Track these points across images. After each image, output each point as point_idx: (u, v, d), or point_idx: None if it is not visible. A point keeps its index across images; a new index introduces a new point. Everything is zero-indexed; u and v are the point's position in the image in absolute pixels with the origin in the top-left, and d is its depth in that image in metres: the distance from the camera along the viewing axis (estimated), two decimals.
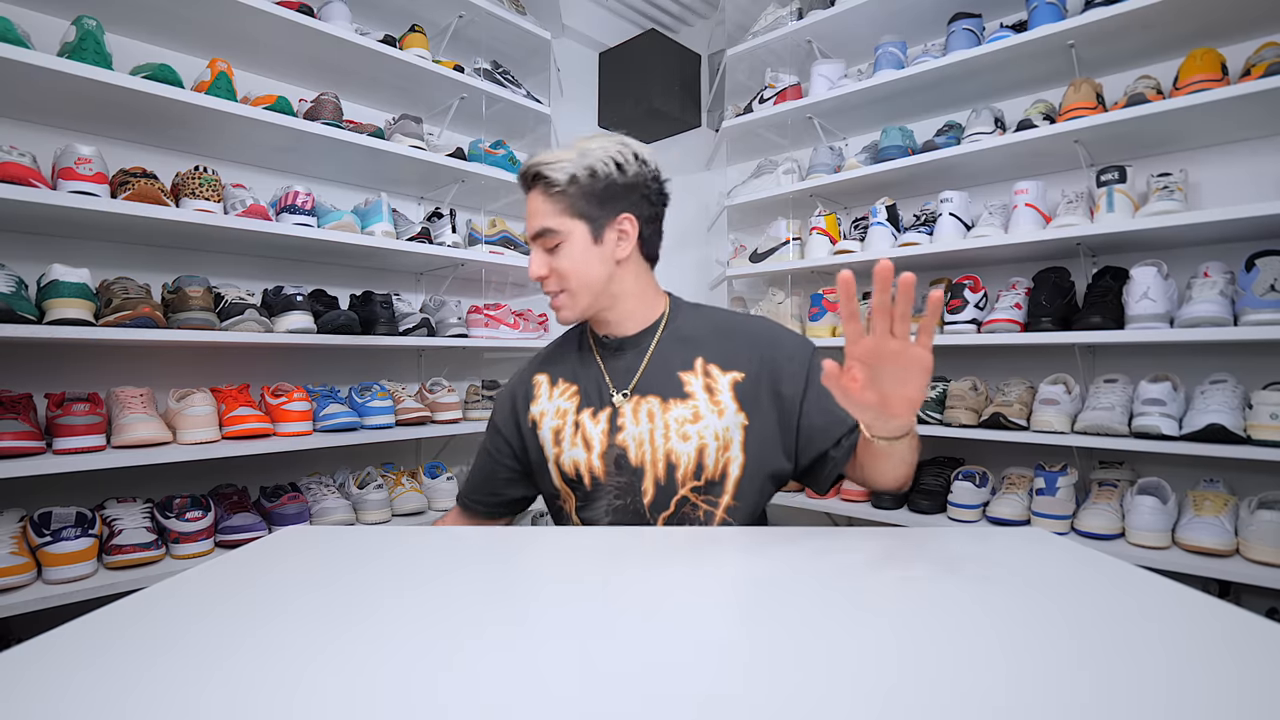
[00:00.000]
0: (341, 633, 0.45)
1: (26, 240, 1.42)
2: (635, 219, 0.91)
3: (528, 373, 1.02)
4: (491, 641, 0.44)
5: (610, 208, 0.89)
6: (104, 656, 0.41)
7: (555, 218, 0.88)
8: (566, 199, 0.88)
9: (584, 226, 0.89)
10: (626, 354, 0.94)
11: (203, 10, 1.49)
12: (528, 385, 1.00)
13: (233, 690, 0.37)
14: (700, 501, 0.88)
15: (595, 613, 0.49)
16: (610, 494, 0.90)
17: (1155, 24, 1.51)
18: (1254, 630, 0.45)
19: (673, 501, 0.88)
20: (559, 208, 0.88)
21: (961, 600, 0.53)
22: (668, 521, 0.88)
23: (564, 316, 0.93)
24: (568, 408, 0.94)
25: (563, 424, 0.94)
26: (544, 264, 0.90)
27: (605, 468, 0.90)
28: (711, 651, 0.42)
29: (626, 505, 0.89)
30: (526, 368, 1.04)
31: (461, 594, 0.52)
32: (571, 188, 0.87)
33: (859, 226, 2.06)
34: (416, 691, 0.37)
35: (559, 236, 0.88)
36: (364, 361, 1.99)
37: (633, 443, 0.89)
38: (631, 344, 0.94)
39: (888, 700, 0.36)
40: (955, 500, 1.67)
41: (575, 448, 0.92)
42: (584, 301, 0.91)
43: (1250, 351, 1.51)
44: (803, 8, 2.11)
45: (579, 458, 0.91)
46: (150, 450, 1.31)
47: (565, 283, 0.90)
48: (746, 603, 0.51)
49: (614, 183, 0.89)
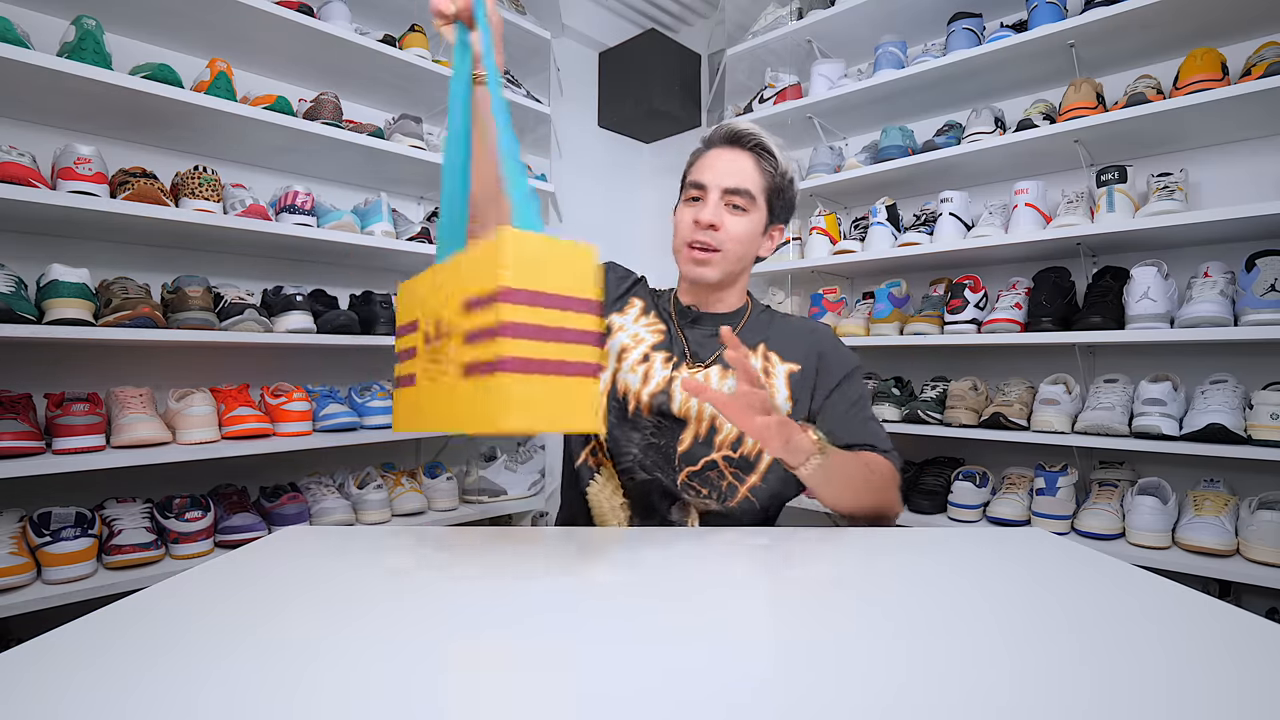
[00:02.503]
0: (341, 633, 0.45)
1: (26, 240, 1.42)
2: (784, 233, 1.00)
3: (629, 286, 1.02)
4: (492, 642, 0.44)
5: (779, 214, 0.98)
6: (104, 656, 0.41)
7: (757, 187, 0.93)
8: (769, 181, 0.94)
9: (765, 212, 0.95)
10: (701, 327, 0.98)
11: (202, 10, 1.49)
12: (625, 294, 1.01)
13: (232, 690, 0.37)
14: (728, 471, 0.91)
15: (596, 613, 0.49)
16: (649, 430, 0.92)
17: (1155, 24, 1.51)
18: (1254, 630, 0.45)
19: (702, 461, 0.91)
20: (762, 183, 0.94)
21: (962, 600, 0.52)
22: (690, 478, 0.91)
23: (703, 273, 0.94)
24: (646, 338, 0.96)
25: (633, 346, 0.96)
26: (720, 216, 0.92)
27: (651, 405, 0.92)
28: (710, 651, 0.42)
29: (660, 445, 0.92)
30: (627, 278, 1.04)
31: (462, 594, 0.52)
32: (777, 177, 0.94)
33: (859, 226, 2.06)
34: (416, 692, 0.36)
35: (751, 205, 0.93)
36: (364, 361, 1.99)
37: (685, 395, 0.92)
38: (712, 321, 0.98)
39: (889, 700, 0.36)
40: (955, 500, 1.67)
41: (634, 374, 0.94)
42: (725, 270, 0.94)
43: (1250, 351, 1.51)
44: (803, 7, 2.11)
45: (632, 383, 0.93)
46: (150, 450, 1.31)
47: (726, 245, 0.93)
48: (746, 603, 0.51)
49: (791, 195, 0.98)
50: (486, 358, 0.50)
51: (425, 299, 0.60)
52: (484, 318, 0.51)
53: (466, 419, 0.54)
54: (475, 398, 0.52)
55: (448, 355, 0.56)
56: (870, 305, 1.98)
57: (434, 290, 0.59)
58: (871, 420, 0.95)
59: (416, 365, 0.61)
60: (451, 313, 0.55)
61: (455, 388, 0.54)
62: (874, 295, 1.97)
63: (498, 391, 0.49)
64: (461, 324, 0.54)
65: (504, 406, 0.49)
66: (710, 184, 0.93)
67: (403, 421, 0.64)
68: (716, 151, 0.95)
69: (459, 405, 0.54)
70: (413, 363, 0.62)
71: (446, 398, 0.56)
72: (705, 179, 0.93)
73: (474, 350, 0.52)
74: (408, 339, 0.64)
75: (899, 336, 1.84)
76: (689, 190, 0.96)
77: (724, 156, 0.94)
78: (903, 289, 1.93)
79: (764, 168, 0.94)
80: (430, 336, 0.59)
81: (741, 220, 0.93)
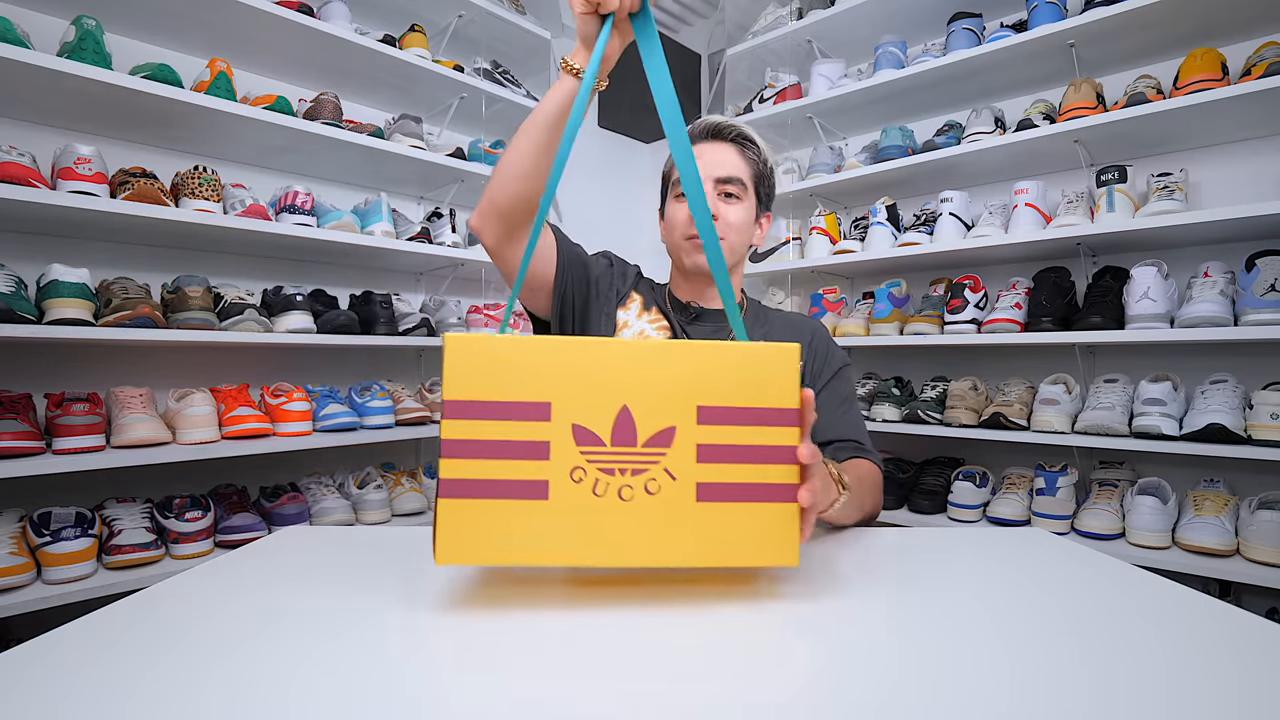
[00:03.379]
0: (341, 634, 0.45)
1: (26, 240, 1.42)
2: (771, 220, 1.02)
3: (629, 279, 0.99)
4: (492, 642, 0.44)
5: (765, 201, 0.99)
6: (104, 656, 0.41)
7: (746, 176, 0.94)
8: (754, 169, 0.95)
9: (754, 200, 0.97)
10: (706, 324, 0.98)
11: (203, 10, 1.49)
12: (626, 289, 0.98)
13: (232, 691, 0.37)
14: None
15: (595, 612, 0.49)
16: None
17: (1155, 24, 1.51)
18: (1254, 630, 0.45)
19: None
20: (750, 171, 0.95)
21: (961, 601, 0.52)
22: None
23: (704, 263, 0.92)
24: (653, 336, 0.96)
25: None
26: (716, 206, 0.93)
27: None
28: (710, 651, 0.42)
29: None
30: (625, 272, 1.00)
31: (462, 595, 0.52)
32: (761, 165, 0.96)
33: (859, 226, 2.06)
34: (415, 692, 0.37)
35: (742, 192, 0.94)
36: (364, 361, 1.99)
37: None
38: (712, 316, 0.98)
39: (889, 700, 0.36)
40: (955, 500, 1.67)
41: None
42: (729, 258, 0.94)
43: (1250, 351, 1.51)
44: (803, 7, 2.11)
45: None
46: (150, 450, 1.31)
47: (727, 233, 0.93)
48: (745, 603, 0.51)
49: (773, 182, 1.00)
50: (768, 480, 0.47)
51: (577, 377, 0.47)
52: (764, 436, 0.47)
53: (721, 550, 0.48)
54: (749, 527, 0.48)
55: (665, 469, 0.47)
56: (870, 305, 1.98)
57: (605, 368, 0.48)
58: (857, 417, 0.95)
59: (551, 471, 0.47)
60: (666, 412, 0.48)
61: (682, 511, 0.47)
62: (874, 295, 1.97)
63: (790, 524, 0.47)
64: (695, 432, 0.48)
65: (794, 539, 0.47)
66: (702, 176, 0.92)
67: (520, 549, 0.47)
68: (700, 147, 0.95)
69: (698, 532, 0.48)
70: (542, 466, 0.47)
71: (660, 521, 0.47)
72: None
73: (739, 471, 0.48)
74: (516, 427, 0.47)
75: (899, 336, 1.84)
76: (678, 188, 0.95)
77: (708, 150, 0.94)
78: (903, 289, 1.93)
79: (749, 156, 0.95)
80: (599, 437, 0.47)
81: (737, 208, 0.94)
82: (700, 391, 0.48)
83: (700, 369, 0.48)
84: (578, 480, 0.47)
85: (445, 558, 0.47)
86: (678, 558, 0.48)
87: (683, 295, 1.00)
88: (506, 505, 0.47)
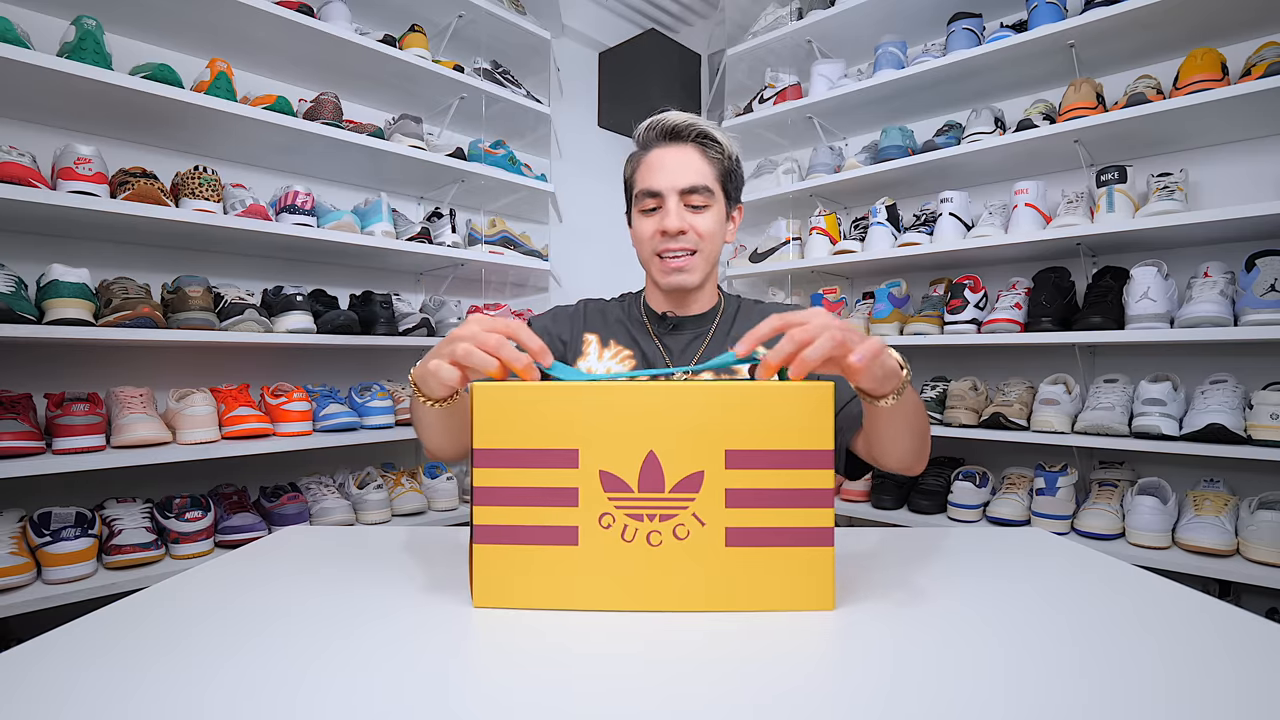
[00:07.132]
0: (341, 634, 0.45)
1: (26, 240, 1.42)
2: (743, 212, 0.98)
3: (573, 326, 0.96)
4: (492, 642, 0.44)
5: (734, 196, 0.95)
6: (104, 656, 0.41)
7: (711, 180, 0.90)
8: (720, 168, 0.91)
9: (723, 201, 0.92)
10: (685, 333, 0.95)
11: (203, 10, 1.49)
12: (577, 340, 0.95)
13: (233, 690, 0.37)
14: None
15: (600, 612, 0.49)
16: None
17: (1155, 24, 1.51)
18: (1254, 630, 0.45)
19: None
20: (715, 172, 0.90)
21: (962, 600, 0.53)
22: None
23: (687, 280, 0.91)
24: (616, 369, 0.94)
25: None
26: (685, 220, 0.89)
27: None
28: (708, 651, 0.42)
29: None
30: (563, 319, 0.98)
31: (462, 595, 0.52)
32: (726, 161, 0.91)
33: (859, 226, 2.06)
34: (415, 692, 0.37)
35: (709, 199, 0.90)
36: (364, 361, 1.99)
37: None
38: (692, 324, 0.96)
39: (889, 700, 0.36)
40: (955, 500, 1.67)
41: None
42: (705, 268, 0.92)
43: (1250, 351, 1.51)
44: (803, 7, 2.11)
45: None
46: (150, 450, 1.31)
47: (701, 244, 0.90)
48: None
49: (740, 173, 0.95)
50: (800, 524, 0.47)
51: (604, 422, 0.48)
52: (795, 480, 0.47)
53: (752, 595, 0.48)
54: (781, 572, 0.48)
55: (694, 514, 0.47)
56: (870, 305, 1.98)
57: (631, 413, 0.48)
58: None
59: (580, 517, 0.48)
60: (694, 456, 0.47)
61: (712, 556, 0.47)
62: (874, 295, 1.97)
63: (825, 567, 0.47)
64: (724, 477, 0.47)
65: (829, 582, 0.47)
66: (665, 188, 0.88)
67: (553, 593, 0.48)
68: (659, 152, 0.89)
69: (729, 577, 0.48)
70: (571, 512, 0.48)
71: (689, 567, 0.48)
72: (658, 184, 0.88)
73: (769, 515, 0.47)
74: (545, 475, 0.48)
75: (899, 336, 1.84)
76: (642, 201, 0.91)
77: (669, 155, 0.89)
78: (903, 289, 1.93)
79: (711, 156, 0.89)
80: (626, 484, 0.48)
81: (706, 216, 0.89)
82: (728, 435, 0.47)
83: (728, 411, 0.48)
84: (606, 526, 0.48)
85: (482, 601, 0.49)
86: (709, 603, 0.48)
87: (659, 306, 0.97)
88: (538, 551, 0.48)
